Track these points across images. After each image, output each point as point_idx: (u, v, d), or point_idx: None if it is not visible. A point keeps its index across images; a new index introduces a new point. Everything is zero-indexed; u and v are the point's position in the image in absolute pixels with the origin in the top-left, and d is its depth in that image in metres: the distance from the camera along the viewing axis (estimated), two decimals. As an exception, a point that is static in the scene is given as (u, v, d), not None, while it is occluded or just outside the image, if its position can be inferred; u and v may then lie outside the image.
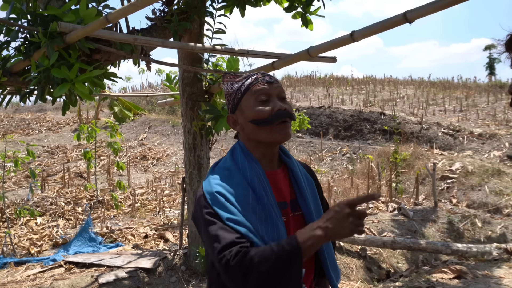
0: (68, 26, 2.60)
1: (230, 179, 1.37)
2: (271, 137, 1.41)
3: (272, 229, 1.33)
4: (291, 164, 1.54)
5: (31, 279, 4.45)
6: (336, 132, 14.40)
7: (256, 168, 1.41)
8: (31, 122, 20.94)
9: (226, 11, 4.20)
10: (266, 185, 1.39)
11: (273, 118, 1.40)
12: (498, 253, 5.40)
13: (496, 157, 10.60)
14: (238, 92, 1.46)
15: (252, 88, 1.44)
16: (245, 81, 1.46)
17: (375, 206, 7.46)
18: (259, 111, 1.40)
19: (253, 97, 1.42)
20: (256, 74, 1.47)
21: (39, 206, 8.05)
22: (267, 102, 1.42)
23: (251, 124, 1.42)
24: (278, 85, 1.46)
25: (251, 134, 1.45)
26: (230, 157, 1.46)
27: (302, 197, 1.50)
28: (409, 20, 2.13)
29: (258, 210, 1.33)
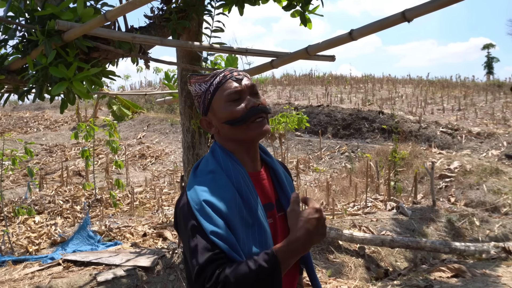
0: (66, 24, 2.59)
1: (215, 182, 1.30)
2: (248, 135, 1.36)
3: (259, 233, 1.28)
4: (272, 164, 1.50)
5: (29, 278, 4.45)
6: (335, 131, 14.41)
7: (239, 169, 1.35)
8: (29, 120, 20.90)
9: (225, 9, 4.19)
10: (251, 187, 1.34)
11: (247, 116, 1.34)
12: (496, 252, 5.41)
13: (494, 156, 10.61)
14: (207, 93, 1.39)
15: (221, 87, 1.37)
16: (212, 80, 1.39)
17: (374, 205, 7.47)
18: (232, 111, 1.34)
19: (224, 97, 1.36)
20: (224, 71, 1.40)
21: (37, 204, 8.05)
22: (239, 100, 1.36)
23: (226, 125, 1.36)
24: (248, 81, 1.40)
25: (228, 134, 1.38)
26: (212, 159, 1.39)
27: (285, 197, 1.46)
28: (408, 19, 2.13)
29: (244, 214, 1.28)
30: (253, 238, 1.27)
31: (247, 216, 1.28)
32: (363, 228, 6.09)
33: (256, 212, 1.30)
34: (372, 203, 7.57)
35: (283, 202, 1.46)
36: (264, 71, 3.88)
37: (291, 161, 12.03)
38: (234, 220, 1.24)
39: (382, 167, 9.83)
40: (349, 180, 9.55)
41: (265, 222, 1.31)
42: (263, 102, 1.39)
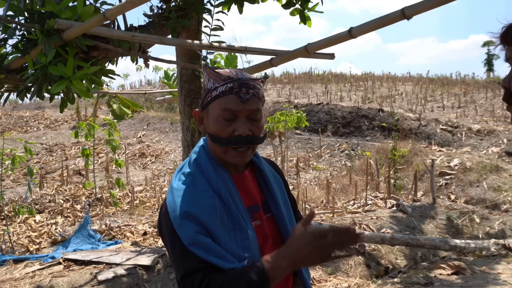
0: (66, 23, 2.59)
1: (194, 187, 1.27)
2: (224, 157, 1.32)
3: (241, 237, 1.25)
4: (259, 164, 1.46)
5: (30, 277, 4.45)
6: (335, 129, 14.41)
7: (221, 173, 1.32)
8: (29, 119, 20.90)
9: (224, 8, 4.19)
10: (233, 191, 1.30)
11: (229, 142, 1.28)
12: (496, 249, 5.41)
13: (494, 153, 10.62)
14: (209, 94, 1.32)
15: (223, 98, 1.28)
16: (219, 86, 1.30)
17: (374, 203, 7.47)
18: (219, 129, 1.28)
19: (219, 111, 1.28)
20: (233, 83, 1.28)
21: (38, 203, 8.05)
22: (231, 121, 1.29)
23: (209, 135, 1.34)
24: (254, 104, 1.30)
25: (209, 141, 1.36)
26: (193, 161, 1.35)
27: (272, 198, 1.43)
28: (407, 16, 2.13)
29: (226, 219, 1.25)
30: (236, 242, 1.24)
31: (228, 221, 1.25)
32: (363, 226, 6.09)
33: (237, 217, 1.27)
34: (372, 201, 7.58)
35: (269, 203, 1.43)
36: (263, 69, 3.88)
37: (291, 159, 12.04)
38: (215, 226, 1.22)
39: (382, 165, 9.84)
40: (349, 178, 9.56)
41: (247, 226, 1.28)
42: (255, 131, 1.31)
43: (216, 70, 1.33)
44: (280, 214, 1.42)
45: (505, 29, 1.02)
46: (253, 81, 1.32)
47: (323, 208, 7.42)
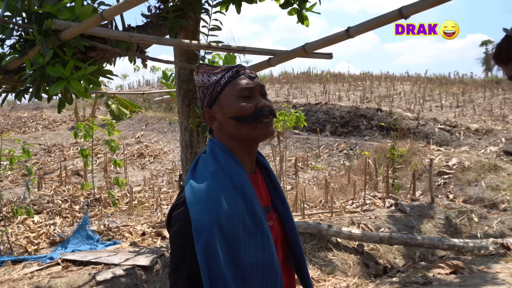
0: (63, 23, 2.59)
1: (216, 189, 1.23)
2: (254, 134, 1.31)
3: (261, 240, 1.24)
4: (267, 164, 1.46)
5: (29, 277, 4.45)
6: (333, 128, 14.42)
7: (241, 172, 1.29)
8: (28, 120, 20.87)
9: (222, 8, 4.18)
10: (253, 192, 1.29)
11: (257, 115, 1.30)
12: (495, 248, 5.42)
13: (492, 152, 10.63)
14: (217, 85, 1.33)
15: (233, 81, 1.32)
16: (225, 73, 1.34)
17: (372, 202, 7.48)
18: (243, 107, 1.30)
19: (235, 92, 1.31)
20: (237, 67, 1.36)
21: (36, 204, 8.04)
22: (250, 98, 1.32)
23: (232, 120, 1.31)
24: (259, 80, 1.37)
25: (232, 131, 1.32)
26: (212, 159, 1.31)
27: (279, 197, 1.43)
28: (405, 15, 2.13)
29: (248, 222, 1.22)
30: (256, 246, 1.22)
31: (250, 223, 1.23)
32: (361, 225, 6.10)
33: (260, 218, 1.25)
34: (370, 201, 7.59)
35: (277, 203, 1.42)
36: (261, 69, 3.88)
37: (290, 159, 12.04)
38: (236, 232, 1.20)
39: (380, 164, 9.84)
40: (347, 177, 9.56)
41: (267, 228, 1.27)
42: (271, 105, 1.36)
43: (212, 65, 1.38)
44: (288, 214, 1.42)
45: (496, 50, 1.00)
46: None
47: (321, 208, 7.42)
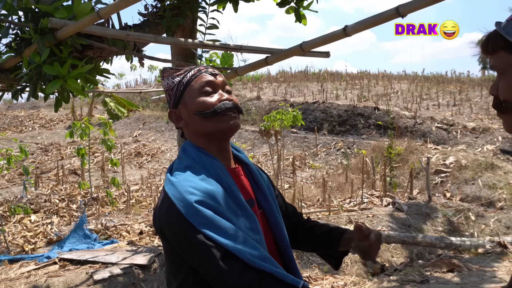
0: (59, 22, 2.58)
1: (195, 177, 1.24)
2: (218, 127, 1.33)
3: (249, 221, 1.25)
4: (246, 159, 1.47)
5: (25, 277, 4.44)
6: (331, 127, 14.42)
7: (215, 162, 1.31)
8: (24, 119, 20.82)
9: (219, 6, 4.18)
10: (231, 181, 1.29)
11: (219, 108, 1.32)
12: (492, 246, 5.44)
13: (489, 151, 10.65)
14: (180, 84, 1.36)
15: (196, 79, 1.35)
16: (187, 73, 1.38)
17: (370, 201, 7.49)
18: (204, 101, 1.32)
19: (197, 89, 1.34)
20: (199, 66, 1.40)
21: (33, 203, 8.02)
22: (212, 94, 1.35)
23: (196, 116, 1.33)
24: (223, 78, 1.40)
25: (197, 127, 1.35)
26: (184, 156, 1.34)
27: (262, 193, 1.43)
28: (402, 14, 2.13)
29: (231, 205, 1.24)
30: (245, 227, 1.23)
31: (234, 206, 1.24)
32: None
33: (242, 202, 1.27)
34: (368, 199, 7.60)
35: (259, 198, 1.42)
36: (258, 68, 3.87)
37: (287, 158, 12.04)
38: (224, 211, 1.20)
39: (378, 163, 9.85)
40: (345, 176, 9.57)
41: (253, 213, 1.28)
42: (235, 100, 1.37)
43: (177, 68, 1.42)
44: (271, 209, 1.42)
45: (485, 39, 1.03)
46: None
47: (319, 207, 7.43)
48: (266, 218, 1.41)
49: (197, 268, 1.20)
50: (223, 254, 1.14)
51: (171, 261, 1.30)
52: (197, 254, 1.17)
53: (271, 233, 1.41)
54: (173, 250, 1.25)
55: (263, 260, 1.17)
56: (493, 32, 1.01)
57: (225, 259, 1.14)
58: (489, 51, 1.02)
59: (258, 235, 1.25)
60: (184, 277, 1.26)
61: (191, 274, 1.24)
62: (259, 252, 1.18)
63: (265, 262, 1.17)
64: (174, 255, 1.27)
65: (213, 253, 1.14)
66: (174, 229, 1.20)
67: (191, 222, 1.15)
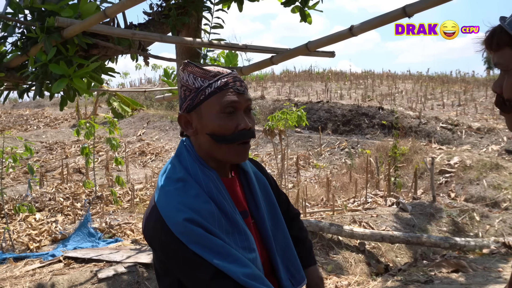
0: (66, 21, 2.59)
1: (186, 193, 1.18)
2: (227, 157, 1.26)
3: (241, 239, 1.21)
4: (244, 166, 1.39)
5: (30, 275, 4.46)
6: (335, 127, 14.41)
7: (210, 175, 1.24)
8: (29, 118, 20.89)
9: (224, 6, 4.19)
10: (225, 194, 1.24)
11: (235, 138, 1.23)
12: (496, 247, 5.42)
13: (494, 151, 10.61)
14: (202, 92, 1.24)
15: (219, 94, 1.23)
16: (212, 82, 1.24)
17: (374, 201, 7.48)
18: (222, 126, 1.22)
19: (218, 106, 1.22)
20: (227, 77, 1.25)
21: (38, 201, 8.05)
22: (232, 116, 1.23)
23: (208, 136, 1.24)
24: (248, 95, 1.28)
25: (205, 146, 1.26)
26: (178, 165, 1.26)
27: (254, 203, 1.36)
28: (408, 14, 2.12)
29: (224, 223, 1.18)
30: (236, 245, 1.19)
31: (226, 224, 1.19)
32: (363, 223, 6.10)
33: (234, 219, 1.22)
34: (372, 199, 7.58)
35: (251, 207, 1.36)
36: (264, 67, 3.87)
37: (291, 157, 12.04)
38: (215, 231, 1.16)
39: (382, 163, 9.83)
40: (349, 176, 9.56)
41: (245, 228, 1.24)
42: (253, 125, 1.28)
43: (202, 67, 1.28)
44: (261, 219, 1.36)
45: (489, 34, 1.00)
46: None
47: (323, 206, 7.42)
48: (256, 228, 1.36)
49: (185, 283, 1.18)
50: (213, 273, 1.11)
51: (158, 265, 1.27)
52: (186, 271, 1.14)
53: (262, 243, 1.36)
54: (162, 259, 1.22)
55: (254, 279, 1.14)
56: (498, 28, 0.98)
57: (215, 278, 1.11)
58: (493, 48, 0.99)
59: (252, 253, 1.22)
60: (171, 283, 1.24)
61: (176, 281, 1.22)
62: (251, 271, 1.15)
63: (256, 281, 1.14)
64: (161, 263, 1.24)
65: (203, 272, 1.12)
66: (162, 243, 1.16)
67: (180, 240, 1.12)
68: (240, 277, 1.12)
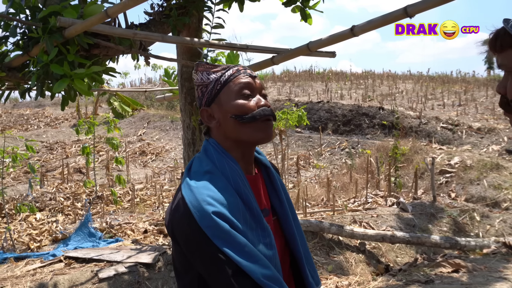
0: (68, 21, 2.59)
1: (215, 185, 1.19)
2: (254, 135, 1.28)
3: (263, 236, 1.22)
4: (266, 162, 1.43)
5: (31, 274, 4.46)
6: (335, 127, 14.41)
7: (236, 169, 1.25)
8: (30, 117, 20.90)
9: (225, 5, 4.18)
10: (249, 190, 1.25)
11: (258, 114, 1.27)
12: (497, 247, 5.42)
13: (494, 151, 10.61)
14: (217, 83, 1.30)
15: (234, 80, 1.30)
16: (225, 72, 1.32)
17: (374, 201, 7.48)
18: (243, 105, 1.27)
19: (235, 90, 1.28)
20: (237, 66, 1.34)
21: (38, 201, 8.06)
22: (250, 97, 1.29)
23: (232, 119, 1.27)
24: (260, 80, 1.35)
25: (230, 131, 1.29)
26: (205, 158, 1.28)
27: (278, 199, 1.39)
28: (410, 14, 2.13)
29: (248, 218, 1.20)
30: (259, 240, 1.21)
31: (250, 220, 1.21)
32: (363, 224, 6.10)
33: (258, 215, 1.24)
34: (372, 199, 7.58)
35: (275, 205, 1.39)
36: (265, 67, 3.88)
37: (292, 157, 12.04)
38: (242, 226, 1.17)
39: (382, 163, 9.84)
40: (349, 176, 9.56)
41: (267, 225, 1.25)
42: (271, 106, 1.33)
43: (212, 64, 1.35)
44: (286, 217, 1.39)
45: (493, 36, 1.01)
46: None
47: (323, 206, 7.42)
48: (279, 224, 1.38)
49: (205, 278, 1.19)
50: (235, 271, 1.13)
51: (179, 261, 1.28)
52: (208, 266, 1.16)
53: (284, 238, 1.38)
54: (182, 252, 1.22)
55: (273, 281, 1.15)
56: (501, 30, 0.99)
57: (236, 276, 1.13)
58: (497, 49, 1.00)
59: (271, 250, 1.23)
60: (191, 280, 1.24)
61: (196, 279, 1.22)
62: (271, 273, 1.16)
63: (275, 284, 1.15)
64: (182, 257, 1.24)
65: (224, 269, 1.13)
66: (187, 236, 1.17)
67: (205, 233, 1.13)
68: (260, 278, 1.13)
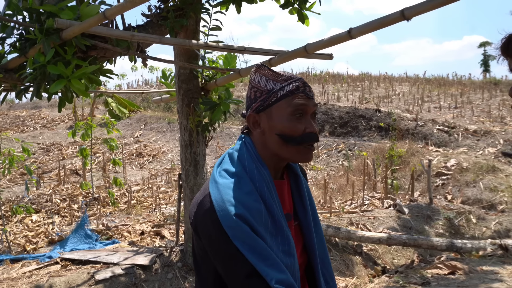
0: (65, 22, 2.59)
1: (241, 188, 1.23)
2: (294, 157, 1.31)
3: (283, 243, 1.25)
4: (297, 169, 1.45)
5: (27, 276, 4.44)
6: (332, 129, 14.43)
7: (265, 176, 1.28)
8: (26, 119, 20.84)
9: (222, 7, 4.20)
10: (274, 196, 1.28)
11: (303, 140, 1.28)
12: (493, 249, 5.44)
13: (490, 153, 10.65)
14: (273, 94, 1.29)
15: (291, 96, 1.28)
16: (284, 85, 1.29)
17: (371, 203, 7.49)
18: (291, 127, 1.27)
19: (289, 109, 1.27)
20: (298, 82, 1.31)
21: (35, 203, 8.03)
22: (300, 119, 1.29)
23: (277, 137, 1.28)
24: (315, 101, 1.34)
25: (272, 145, 1.31)
26: (236, 160, 1.31)
27: (302, 206, 1.41)
28: (407, 17, 2.14)
29: (269, 224, 1.23)
30: (278, 248, 1.23)
31: (271, 226, 1.24)
32: (360, 225, 6.11)
33: (280, 222, 1.26)
34: (369, 201, 7.60)
35: (299, 211, 1.41)
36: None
37: (289, 159, 12.03)
38: (261, 230, 1.21)
39: (379, 165, 9.86)
40: (346, 178, 9.57)
41: (288, 232, 1.27)
42: (317, 129, 1.34)
43: (274, 71, 1.33)
44: (308, 224, 1.40)
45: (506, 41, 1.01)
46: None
47: (320, 208, 7.43)
48: (300, 229, 1.41)
49: (221, 274, 1.23)
50: (249, 271, 1.16)
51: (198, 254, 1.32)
52: (224, 263, 1.20)
53: (303, 246, 1.41)
54: (203, 245, 1.26)
55: (287, 286, 1.17)
56: None
57: (250, 277, 1.16)
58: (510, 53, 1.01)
59: (290, 258, 1.26)
60: (208, 274, 1.29)
61: (213, 273, 1.27)
62: (285, 277, 1.18)
63: None
64: (202, 251, 1.29)
65: (240, 268, 1.17)
66: (209, 232, 1.21)
67: (226, 233, 1.17)
68: (273, 281, 1.16)
